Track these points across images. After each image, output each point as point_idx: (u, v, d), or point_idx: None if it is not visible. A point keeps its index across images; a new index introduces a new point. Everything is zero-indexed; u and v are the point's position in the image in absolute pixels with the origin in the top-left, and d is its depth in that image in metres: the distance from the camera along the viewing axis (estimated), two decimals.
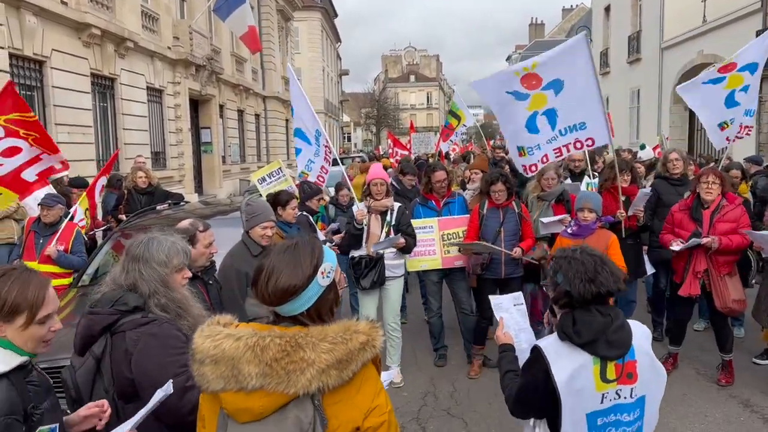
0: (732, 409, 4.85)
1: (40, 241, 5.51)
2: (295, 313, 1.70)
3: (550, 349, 2.19)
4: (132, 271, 2.41)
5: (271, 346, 1.59)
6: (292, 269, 1.69)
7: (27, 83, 11.13)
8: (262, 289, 1.69)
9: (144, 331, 2.28)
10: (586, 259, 2.23)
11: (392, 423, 1.73)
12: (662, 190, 6.07)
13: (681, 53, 20.02)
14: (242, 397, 1.59)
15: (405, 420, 4.85)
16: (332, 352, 1.60)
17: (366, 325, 1.69)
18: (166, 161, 17.71)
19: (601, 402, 2.18)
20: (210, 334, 1.65)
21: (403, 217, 5.50)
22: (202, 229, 3.48)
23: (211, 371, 1.61)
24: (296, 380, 1.57)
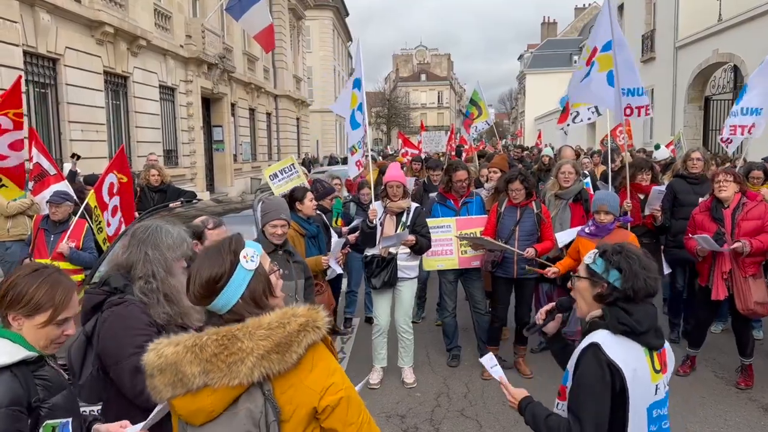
0: (752, 413, 4.76)
1: (50, 238, 5.51)
2: (231, 305, 1.71)
3: (609, 345, 2.08)
4: (136, 251, 2.49)
5: (209, 344, 1.62)
6: (213, 260, 1.73)
7: (41, 81, 11.20)
8: (192, 290, 1.72)
9: (113, 310, 2.39)
10: (637, 253, 2.21)
11: (352, 399, 1.74)
12: (679, 188, 5.97)
13: (696, 52, 19.80)
14: (190, 399, 1.63)
15: (419, 420, 4.80)
16: (269, 338, 1.62)
17: (305, 309, 1.71)
18: (177, 159, 17.77)
19: (654, 393, 2.15)
20: (154, 347, 1.68)
21: (419, 218, 5.41)
22: (212, 226, 3.46)
23: (159, 381, 1.64)
24: (237, 370, 1.59)
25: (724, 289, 5.00)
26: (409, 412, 4.96)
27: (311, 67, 39.69)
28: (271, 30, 13.38)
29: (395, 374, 5.60)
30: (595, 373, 2.05)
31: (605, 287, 2.17)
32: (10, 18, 9.79)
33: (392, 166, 6.02)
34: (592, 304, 2.24)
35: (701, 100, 20.47)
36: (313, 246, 5.21)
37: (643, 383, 2.10)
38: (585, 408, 2.07)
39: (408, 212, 5.41)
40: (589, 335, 2.17)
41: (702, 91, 20.43)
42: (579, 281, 2.27)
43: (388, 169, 5.82)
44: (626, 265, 2.15)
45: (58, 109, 11.62)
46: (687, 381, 5.37)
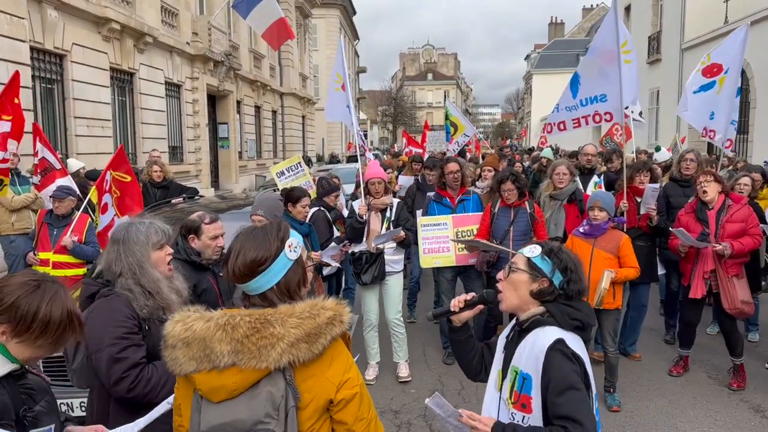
0: (742, 414, 4.80)
1: (53, 232, 5.60)
2: (265, 288, 1.76)
3: (570, 342, 2.07)
4: (111, 251, 2.64)
5: (242, 324, 1.65)
6: (260, 243, 1.77)
7: (47, 76, 11.30)
8: (232, 265, 1.76)
9: (99, 302, 2.55)
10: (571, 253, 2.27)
11: (364, 395, 1.78)
12: (671, 192, 6.00)
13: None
14: (215, 375, 1.65)
15: (412, 416, 4.86)
16: (301, 327, 1.66)
17: (332, 302, 1.75)
18: (183, 156, 17.87)
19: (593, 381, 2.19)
20: (181, 319, 1.71)
21: (402, 212, 5.57)
22: (208, 221, 3.52)
23: (183, 354, 1.66)
24: (267, 355, 1.63)
25: (703, 288, 5.05)
26: (403, 408, 5.03)
27: (318, 65, 39.73)
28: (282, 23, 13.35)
29: (390, 370, 5.67)
30: (572, 369, 2.02)
31: (547, 285, 2.15)
32: (17, 14, 9.88)
33: (372, 164, 6.13)
34: (525, 300, 2.17)
35: None
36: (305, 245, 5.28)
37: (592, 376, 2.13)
38: (579, 408, 1.98)
39: (391, 208, 5.55)
40: (538, 333, 2.10)
41: None
42: (516, 273, 2.19)
43: (369, 166, 5.91)
44: (573, 267, 2.18)
45: (64, 104, 11.72)
46: (679, 381, 5.41)
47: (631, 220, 5.57)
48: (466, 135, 12.23)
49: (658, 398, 5.09)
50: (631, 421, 4.69)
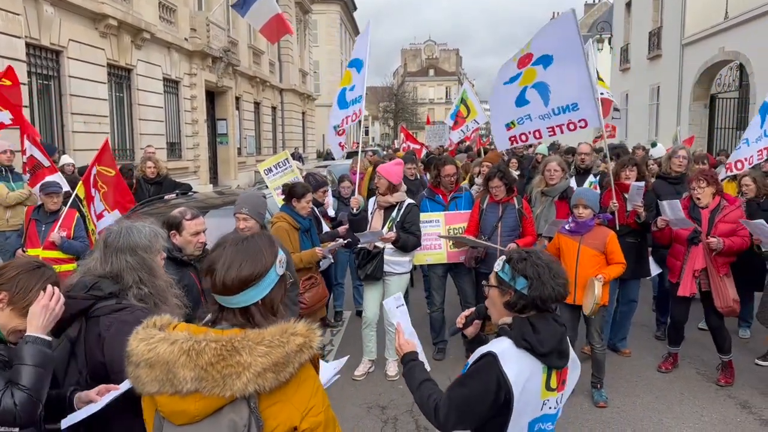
0: (729, 409, 4.80)
1: (42, 228, 5.61)
2: (250, 303, 1.70)
3: (507, 357, 2.08)
4: (116, 261, 2.45)
5: (207, 351, 1.58)
6: (254, 257, 1.71)
7: (44, 73, 11.32)
8: (221, 278, 1.68)
9: (117, 317, 2.32)
10: (546, 260, 2.18)
11: (329, 419, 1.74)
12: (661, 190, 5.97)
13: (702, 50, 19.67)
14: (177, 400, 1.60)
15: (399, 412, 4.88)
16: (269, 356, 1.59)
17: (303, 327, 1.68)
18: (181, 152, 17.89)
19: (540, 409, 2.17)
20: (144, 338, 1.65)
21: (409, 215, 5.41)
22: (190, 217, 3.52)
23: (145, 374, 1.61)
24: (232, 384, 1.57)
25: (693, 286, 5.04)
26: (390, 403, 5.04)
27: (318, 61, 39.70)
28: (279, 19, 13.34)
29: (379, 366, 5.68)
30: (484, 379, 2.08)
31: (512, 295, 2.15)
32: (13, 10, 9.90)
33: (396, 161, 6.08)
34: (502, 312, 2.22)
35: (707, 98, 20.35)
36: (306, 239, 5.28)
37: (531, 398, 2.11)
38: (459, 398, 2.10)
39: (399, 208, 5.44)
40: (494, 341, 2.16)
41: (708, 89, 20.30)
42: (491, 290, 2.24)
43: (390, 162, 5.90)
44: (533, 272, 2.13)
45: (61, 101, 11.74)
46: (667, 378, 5.42)
47: (620, 217, 5.56)
48: (476, 122, 12.11)
49: (646, 394, 5.09)
50: (618, 417, 4.70)
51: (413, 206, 5.52)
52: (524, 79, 5.68)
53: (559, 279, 2.15)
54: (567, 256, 4.84)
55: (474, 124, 12.16)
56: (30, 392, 1.97)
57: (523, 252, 2.22)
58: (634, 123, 24.97)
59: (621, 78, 27.96)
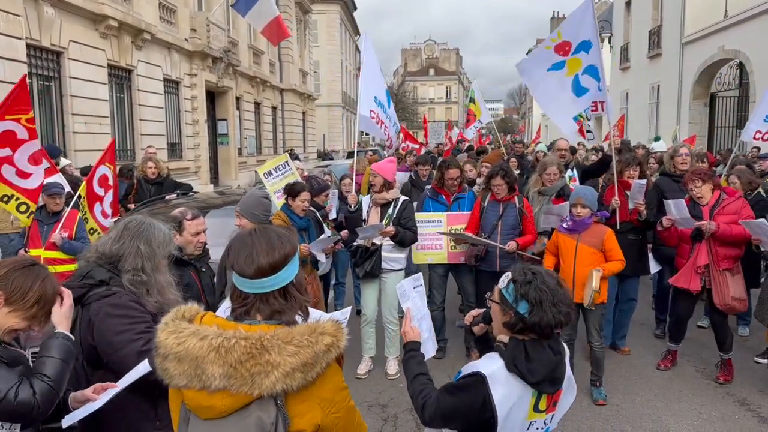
0: (728, 407, 4.82)
1: (44, 228, 5.62)
2: (290, 279, 1.74)
3: (496, 380, 2.06)
4: (129, 244, 2.52)
5: (236, 348, 1.58)
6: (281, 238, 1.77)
7: (44, 74, 11.35)
8: (263, 257, 1.70)
9: (105, 302, 2.40)
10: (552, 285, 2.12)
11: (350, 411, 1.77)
12: (665, 187, 5.98)
13: (702, 48, 19.68)
14: (205, 395, 1.60)
15: (399, 410, 4.90)
16: (297, 356, 1.60)
17: (332, 326, 1.69)
18: (182, 152, 17.92)
19: (527, 429, 2.15)
20: (174, 330, 1.64)
21: (405, 211, 5.47)
22: (190, 217, 3.55)
23: (174, 367, 1.61)
24: (260, 383, 1.57)
25: (697, 283, 5.05)
26: (390, 402, 5.06)
27: (318, 61, 39.71)
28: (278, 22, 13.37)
29: (380, 364, 5.70)
30: (471, 396, 2.08)
31: (512, 316, 2.10)
32: (13, 11, 9.92)
33: (389, 158, 6.13)
34: (501, 329, 2.18)
35: (707, 96, 20.36)
36: (301, 238, 5.31)
37: (516, 421, 2.09)
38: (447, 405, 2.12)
39: (395, 204, 5.48)
40: (487, 358, 2.16)
41: (707, 88, 20.31)
42: (493, 305, 2.21)
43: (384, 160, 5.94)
44: (535, 297, 2.07)
45: (61, 101, 11.77)
46: (667, 375, 5.44)
47: (622, 214, 5.58)
48: (480, 122, 12.25)
49: (645, 392, 5.11)
50: (617, 415, 4.71)
51: (408, 203, 5.58)
52: (571, 69, 5.87)
53: (562, 306, 2.09)
54: (565, 254, 4.86)
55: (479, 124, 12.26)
56: (52, 383, 2.01)
57: (530, 274, 2.14)
58: (634, 122, 24.96)
59: (621, 77, 27.96)
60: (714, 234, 4.90)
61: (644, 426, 4.55)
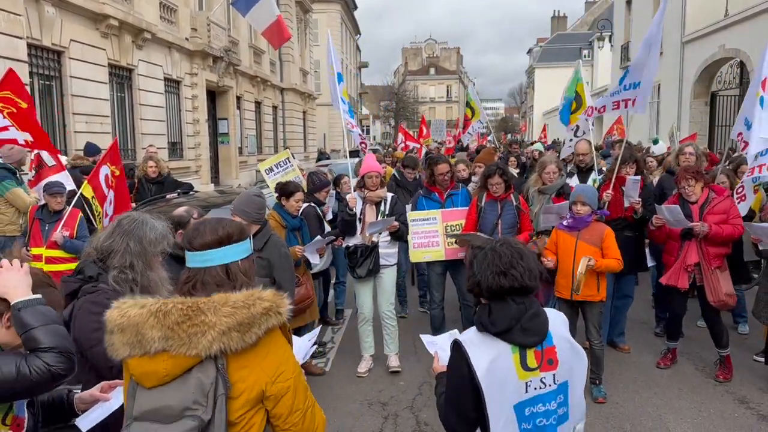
0: (727, 405, 4.83)
1: (45, 227, 5.64)
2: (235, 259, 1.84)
3: (469, 341, 2.15)
4: (119, 241, 2.54)
5: (173, 311, 1.68)
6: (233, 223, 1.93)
7: (45, 73, 11.36)
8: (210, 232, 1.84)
9: (87, 298, 2.47)
10: (504, 252, 2.18)
11: (299, 387, 1.82)
12: (667, 185, 6.01)
13: (702, 47, 19.68)
14: (146, 361, 1.69)
15: (399, 408, 4.92)
16: (233, 316, 1.68)
17: (271, 293, 1.78)
18: (183, 152, 17.93)
19: (525, 391, 2.16)
20: (118, 306, 1.76)
21: (396, 206, 5.62)
22: (196, 216, 3.58)
23: (118, 339, 1.71)
24: (197, 342, 1.66)
25: (685, 280, 5.08)
26: (391, 399, 5.08)
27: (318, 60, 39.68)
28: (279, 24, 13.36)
29: (381, 363, 5.72)
30: (456, 369, 2.15)
31: (470, 282, 2.23)
32: (14, 11, 9.93)
33: (368, 157, 6.14)
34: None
35: (707, 95, 20.35)
36: (294, 238, 5.33)
37: (505, 381, 2.11)
38: (447, 395, 2.21)
39: (385, 202, 5.59)
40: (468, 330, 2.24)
41: (708, 87, 20.31)
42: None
43: (365, 160, 5.96)
44: (480, 261, 2.19)
45: (62, 101, 11.78)
46: (666, 373, 5.45)
47: (618, 210, 5.60)
48: (480, 122, 12.30)
49: (645, 390, 5.12)
50: (616, 413, 4.73)
51: (397, 199, 5.74)
52: None
53: (501, 268, 2.13)
54: (564, 252, 4.88)
55: (479, 125, 12.29)
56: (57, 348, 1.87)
57: (492, 240, 2.32)
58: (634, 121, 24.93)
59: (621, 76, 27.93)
60: (707, 235, 4.93)
61: (644, 424, 4.56)
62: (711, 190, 5.14)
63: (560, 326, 2.28)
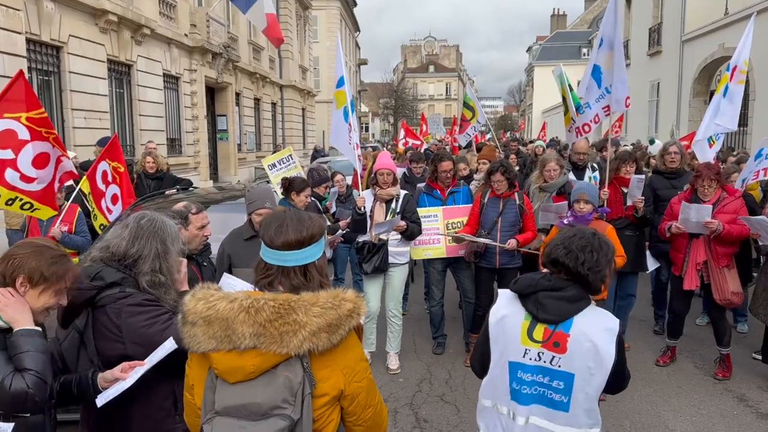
0: (726, 403, 4.84)
1: (43, 222, 5.62)
2: (312, 259, 1.83)
3: (503, 295, 2.44)
4: (146, 245, 2.45)
5: (265, 309, 1.66)
6: (311, 220, 1.88)
7: (44, 68, 11.33)
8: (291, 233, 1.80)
9: (123, 302, 2.35)
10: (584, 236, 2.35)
11: (371, 385, 1.86)
12: (658, 185, 6.00)
13: (702, 46, 19.70)
14: (234, 356, 1.66)
15: (399, 405, 4.91)
16: (323, 316, 1.68)
17: (353, 294, 1.78)
18: (181, 148, 17.91)
19: (523, 356, 2.33)
20: (203, 297, 1.71)
21: (408, 205, 5.54)
22: (195, 211, 3.56)
23: (203, 332, 1.67)
24: (289, 341, 1.65)
25: (697, 280, 5.08)
26: (390, 396, 5.08)
27: (318, 57, 39.62)
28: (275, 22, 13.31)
29: (381, 359, 5.72)
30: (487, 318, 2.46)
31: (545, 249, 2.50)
32: (13, 6, 9.90)
33: (382, 154, 6.12)
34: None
35: (706, 94, 20.36)
36: None
37: (508, 337, 2.35)
38: (477, 341, 2.54)
39: (397, 199, 5.53)
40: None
41: (707, 86, 20.33)
42: None
43: (379, 157, 5.92)
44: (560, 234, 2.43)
45: (61, 96, 11.75)
46: (666, 371, 5.46)
47: (618, 210, 5.59)
48: (479, 122, 12.26)
49: (644, 387, 5.13)
50: (615, 410, 4.73)
51: (410, 196, 5.65)
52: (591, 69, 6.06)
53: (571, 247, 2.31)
54: None
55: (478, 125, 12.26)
56: (38, 374, 2.02)
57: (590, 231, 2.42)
58: (633, 119, 24.97)
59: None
60: (719, 235, 4.92)
61: (643, 421, 4.56)
62: (723, 190, 5.14)
63: (594, 327, 2.27)
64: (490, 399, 2.44)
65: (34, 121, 4.82)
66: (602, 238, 2.36)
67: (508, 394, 2.38)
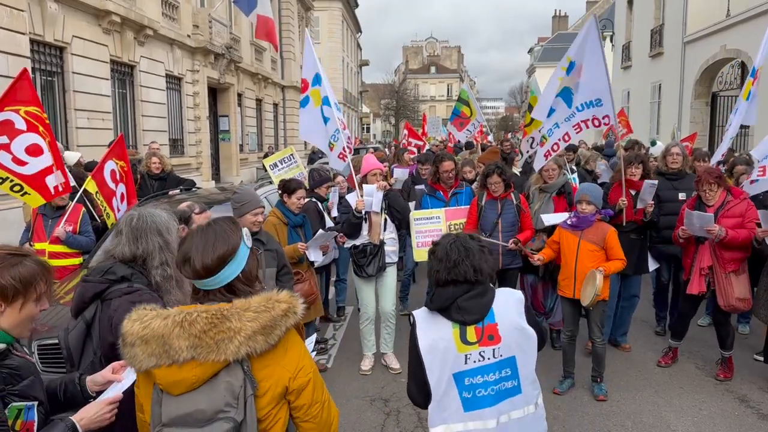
0: (728, 403, 4.85)
1: (48, 222, 5.64)
2: (231, 278, 1.83)
3: (419, 317, 2.46)
4: (149, 242, 2.50)
5: (199, 320, 1.71)
6: (223, 236, 1.84)
7: (47, 69, 11.36)
8: (200, 262, 1.79)
9: (125, 299, 2.39)
10: (453, 250, 2.43)
11: (317, 380, 1.90)
12: (659, 186, 6.02)
13: (704, 48, 19.68)
14: (175, 370, 1.71)
15: (401, 405, 4.93)
16: (257, 320, 1.73)
17: (286, 294, 1.83)
18: (184, 148, 17.94)
19: (465, 363, 2.39)
20: (138, 318, 1.76)
21: (389, 196, 5.57)
22: (198, 211, 3.59)
23: (141, 351, 1.72)
24: (225, 348, 1.70)
25: (701, 285, 5.08)
26: (392, 396, 5.10)
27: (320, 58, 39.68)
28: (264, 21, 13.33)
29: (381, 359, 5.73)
30: (411, 341, 2.46)
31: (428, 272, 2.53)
32: (17, 6, 9.93)
33: (367, 157, 6.12)
34: None
35: (708, 95, 20.36)
36: (296, 235, 5.34)
37: (445, 352, 2.38)
38: (410, 369, 2.50)
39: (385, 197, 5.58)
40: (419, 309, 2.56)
41: (709, 87, 20.31)
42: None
43: (365, 159, 5.91)
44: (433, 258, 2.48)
45: (64, 97, 11.79)
46: (667, 372, 5.47)
47: (628, 213, 5.59)
48: (477, 121, 12.27)
49: (645, 388, 5.15)
50: (617, 410, 4.75)
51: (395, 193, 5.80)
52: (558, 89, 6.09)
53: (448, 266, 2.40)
54: (567, 251, 4.89)
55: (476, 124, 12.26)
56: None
57: (451, 235, 2.51)
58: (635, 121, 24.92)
59: (623, 76, 27.95)
60: (722, 240, 4.89)
61: (644, 422, 4.58)
62: (729, 193, 5.12)
63: (509, 306, 2.46)
64: (440, 425, 2.43)
65: (32, 115, 5.13)
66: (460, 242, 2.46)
67: (460, 408, 2.41)
